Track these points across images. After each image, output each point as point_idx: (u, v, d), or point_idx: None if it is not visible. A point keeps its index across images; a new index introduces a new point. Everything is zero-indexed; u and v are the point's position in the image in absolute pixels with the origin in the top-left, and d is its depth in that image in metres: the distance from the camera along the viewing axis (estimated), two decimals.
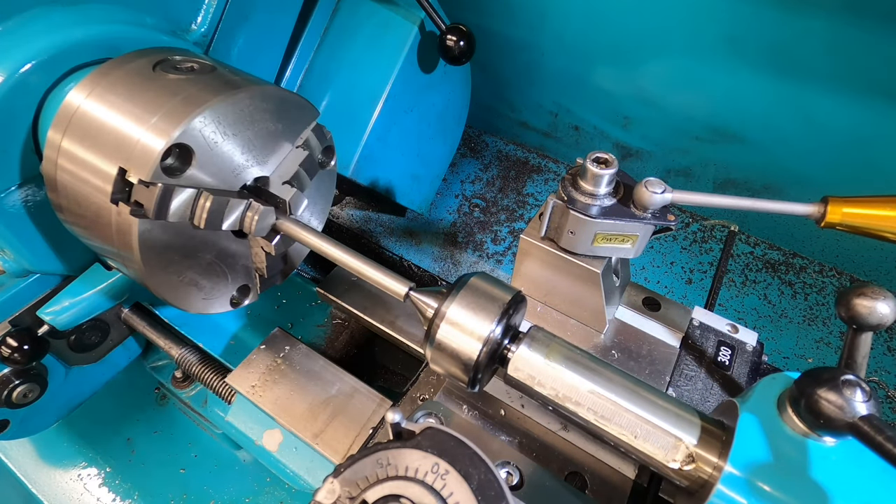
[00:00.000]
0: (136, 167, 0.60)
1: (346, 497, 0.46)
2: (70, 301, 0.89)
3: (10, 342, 0.88)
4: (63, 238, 0.81)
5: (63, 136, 0.64)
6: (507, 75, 1.75)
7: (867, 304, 0.60)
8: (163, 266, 0.68)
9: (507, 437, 0.76)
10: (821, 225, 0.68)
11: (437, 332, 0.60)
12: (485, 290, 0.60)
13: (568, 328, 0.87)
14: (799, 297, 1.52)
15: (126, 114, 0.62)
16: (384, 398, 0.93)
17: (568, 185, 0.76)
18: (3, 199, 0.73)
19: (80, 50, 0.71)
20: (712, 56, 1.35)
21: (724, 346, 0.83)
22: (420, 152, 1.43)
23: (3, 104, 0.67)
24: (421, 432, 0.51)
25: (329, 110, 1.17)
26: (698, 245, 1.64)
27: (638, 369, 0.82)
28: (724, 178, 1.59)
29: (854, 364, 0.64)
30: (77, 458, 1.13)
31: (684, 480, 0.58)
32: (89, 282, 0.91)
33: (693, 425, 0.58)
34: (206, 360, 1.10)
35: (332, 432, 0.89)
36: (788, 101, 1.33)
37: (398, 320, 1.06)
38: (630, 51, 1.47)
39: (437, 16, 1.13)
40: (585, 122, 1.73)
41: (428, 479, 0.48)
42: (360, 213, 1.76)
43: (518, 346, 0.63)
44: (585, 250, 0.78)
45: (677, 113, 1.52)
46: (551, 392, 0.62)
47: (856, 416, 0.47)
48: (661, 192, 0.71)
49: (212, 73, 0.69)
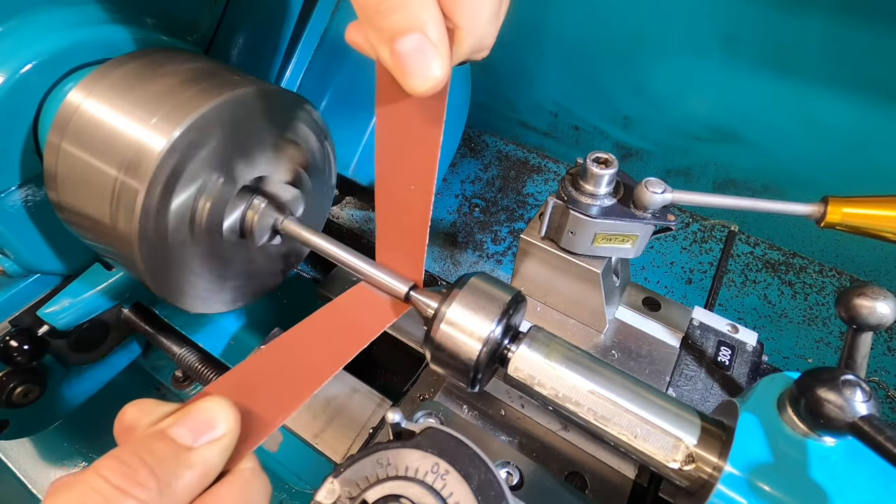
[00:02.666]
0: (136, 168, 0.60)
1: (346, 497, 0.46)
2: (70, 301, 0.89)
3: (10, 342, 0.88)
4: (63, 238, 0.81)
5: (63, 136, 0.64)
6: (507, 75, 1.75)
7: (867, 304, 0.60)
8: (163, 265, 0.68)
9: (507, 437, 0.76)
10: (821, 225, 0.68)
11: (437, 332, 0.60)
12: (485, 290, 0.60)
13: (568, 328, 0.87)
14: (799, 297, 1.52)
15: (126, 114, 0.62)
16: (384, 398, 0.93)
17: (568, 185, 0.76)
18: (3, 199, 0.73)
19: (80, 50, 0.71)
20: (712, 56, 1.36)
21: (724, 346, 0.83)
22: None
23: (4, 104, 0.67)
24: (421, 432, 0.51)
25: (329, 110, 1.17)
26: (698, 245, 1.64)
27: (638, 369, 0.82)
28: (724, 178, 1.59)
29: (854, 364, 0.64)
30: (77, 458, 1.13)
31: (684, 480, 0.58)
32: (89, 282, 0.91)
33: (693, 425, 0.58)
34: (206, 360, 1.10)
35: (332, 432, 0.89)
36: (788, 101, 1.33)
37: (398, 320, 1.06)
38: (630, 51, 1.47)
39: None
40: (585, 122, 1.73)
41: (428, 479, 0.48)
42: (360, 213, 1.76)
43: (518, 346, 0.63)
44: (585, 250, 0.78)
45: (677, 113, 1.52)
46: (551, 392, 0.62)
47: (856, 416, 0.47)
48: (661, 192, 0.71)
49: (212, 74, 0.69)
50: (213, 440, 0.40)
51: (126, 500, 0.34)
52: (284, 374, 0.51)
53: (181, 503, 0.37)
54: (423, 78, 0.44)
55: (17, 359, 0.90)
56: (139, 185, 0.60)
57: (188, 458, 0.38)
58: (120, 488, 0.34)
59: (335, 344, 0.55)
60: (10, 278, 0.86)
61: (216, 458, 0.40)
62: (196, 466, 0.38)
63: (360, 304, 0.62)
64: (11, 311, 0.89)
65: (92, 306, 0.91)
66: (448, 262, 1.66)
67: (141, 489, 0.35)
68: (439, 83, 0.45)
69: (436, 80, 0.44)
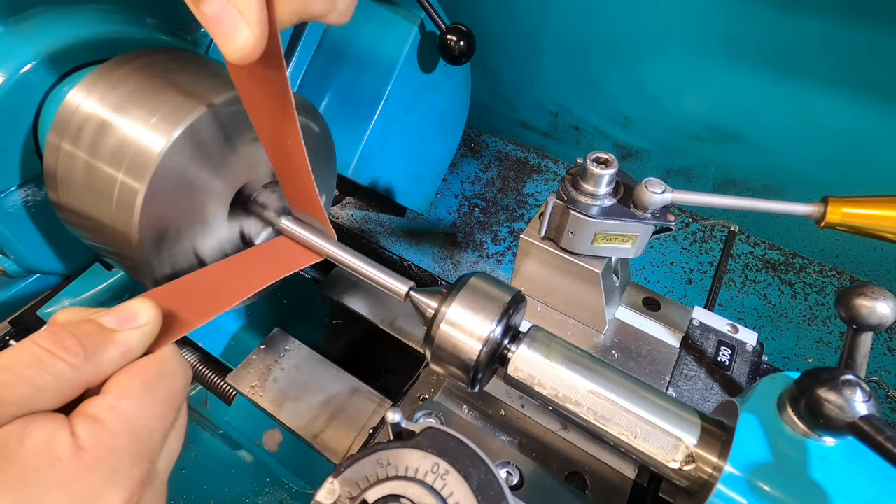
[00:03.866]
0: (136, 168, 0.60)
1: (346, 497, 0.46)
2: (70, 301, 0.89)
3: (10, 342, 0.88)
4: (63, 238, 0.81)
5: (63, 136, 0.64)
6: (507, 75, 1.75)
7: (867, 304, 0.60)
8: (163, 265, 0.68)
9: (507, 437, 0.77)
10: (821, 225, 0.68)
11: (437, 332, 0.60)
12: (485, 290, 0.60)
13: (568, 328, 0.87)
14: (799, 297, 1.52)
15: (126, 114, 0.62)
16: (384, 398, 0.93)
17: (568, 185, 0.76)
18: (3, 199, 0.73)
19: (80, 50, 0.71)
20: (712, 56, 1.36)
21: (724, 346, 0.83)
22: (420, 152, 1.43)
23: (4, 104, 0.67)
24: (421, 432, 0.51)
25: (329, 110, 1.17)
26: (698, 245, 1.64)
27: (638, 369, 0.82)
28: (724, 178, 1.59)
29: (854, 364, 0.64)
30: None
31: (684, 480, 0.58)
32: (89, 282, 0.91)
33: (693, 425, 0.58)
34: (206, 360, 1.10)
35: (332, 432, 0.89)
36: (788, 101, 1.33)
37: (398, 320, 1.06)
38: (630, 51, 1.47)
39: (438, 16, 1.13)
40: (585, 122, 1.73)
41: (428, 479, 0.48)
42: (360, 213, 1.76)
43: (518, 346, 0.63)
44: (585, 250, 0.78)
45: (677, 113, 1.52)
46: (551, 392, 0.62)
47: (856, 416, 0.47)
48: (661, 192, 0.71)
49: (212, 74, 0.69)
50: (135, 327, 0.46)
51: (54, 361, 0.40)
52: (205, 292, 0.60)
53: (103, 372, 0.43)
54: (231, 47, 0.43)
55: None
56: (139, 185, 0.60)
57: (112, 336, 0.44)
58: (49, 351, 0.40)
59: (250, 276, 0.65)
60: (10, 278, 0.86)
61: (136, 340, 0.46)
62: (118, 344, 0.44)
63: (281, 249, 0.71)
64: (11, 311, 0.89)
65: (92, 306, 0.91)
66: (448, 262, 1.66)
67: (68, 353, 0.41)
68: (251, 50, 0.43)
69: (245, 47, 0.43)
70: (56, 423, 0.39)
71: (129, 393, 0.42)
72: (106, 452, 0.39)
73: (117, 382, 0.43)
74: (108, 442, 0.39)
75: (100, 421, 0.40)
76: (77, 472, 0.37)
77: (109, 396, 0.42)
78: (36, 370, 0.39)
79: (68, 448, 0.38)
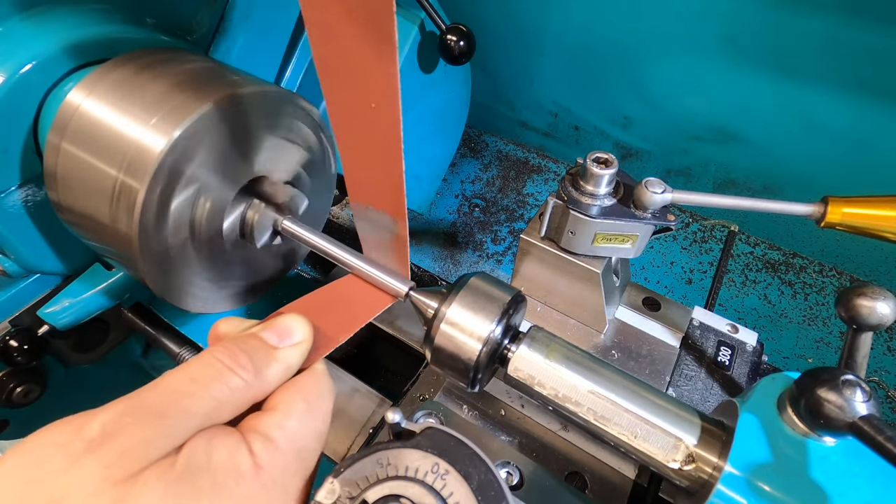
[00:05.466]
0: (136, 168, 0.60)
1: (346, 497, 0.46)
2: (70, 301, 0.89)
3: (10, 342, 0.88)
4: (63, 238, 0.81)
5: (63, 136, 0.64)
6: (507, 75, 1.75)
7: (867, 304, 0.60)
8: (163, 265, 0.68)
9: (507, 437, 0.76)
10: (821, 225, 0.68)
11: (437, 332, 0.60)
12: (485, 290, 0.60)
13: (568, 328, 0.87)
14: (799, 297, 1.52)
15: (126, 114, 0.62)
16: (384, 398, 0.93)
17: (568, 185, 0.76)
18: (3, 199, 0.73)
19: (80, 50, 0.71)
20: (712, 56, 1.36)
21: (724, 346, 0.83)
22: (420, 152, 1.43)
23: (4, 104, 0.67)
24: (421, 432, 0.51)
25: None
26: (698, 245, 1.64)
27: (638, 369, 0.82)
28: (724, 178, 1.59)
29: (854, 364, 0.64)
30: None
31: (684, 480, 0.58)
32: (89, 282, 0.91)
33: (693, 425, 0.58)
34: None
35: (332, 432, 0.88)
36: (788, 101, 1.33)
37: (398, 320, 1.06)
38: (630, 51, 1.47)
39: (437, 16, 1.13)
40: (585, 122, 1.73)
41: (428, 479, 0.48)
42: None
43: (518, 346, 0.63)
44: (585, 250, 0.78)
45: (677, 113, 1.52)
46: (551, 392, 0.62)
47: (856, 416, 0.47)
48: (661, 192, 0.71)
49: (212, 73, 0.69)
50: (293, 344, 0.48)
51: (231, 376, 0.42)
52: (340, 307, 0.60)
53: (269, 387, 0.45)
54: None
55: (17, 359, 0.90)
56: (139, 185, 0.60)
57: (275, 353, 0.46)
58: (228, 366, 0.42)
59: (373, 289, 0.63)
60: (10, 278, 0.86)
61: (295, 358, 0.48)
62: (281, 361, 0.46)
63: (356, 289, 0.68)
64: (11, 311, 0.88)
65: (92, 306, 0.91)
66: (448, 262, 1.66)
67: (242, 370, 0.43)
68: None
69: None
70: (236, 439, 0.40)
71: (295, 412, 0.44)
72: (279, 472, 0.40)
73: (282, 400, 0.44)
74: (280, 462, 0.41)
75: (272, 440, 0.41)
76: (257, 490, 0.39)
77: (277, 414, 0.43)
78: (219, 384, 0.41)
79: (250, 466, 0.39)
